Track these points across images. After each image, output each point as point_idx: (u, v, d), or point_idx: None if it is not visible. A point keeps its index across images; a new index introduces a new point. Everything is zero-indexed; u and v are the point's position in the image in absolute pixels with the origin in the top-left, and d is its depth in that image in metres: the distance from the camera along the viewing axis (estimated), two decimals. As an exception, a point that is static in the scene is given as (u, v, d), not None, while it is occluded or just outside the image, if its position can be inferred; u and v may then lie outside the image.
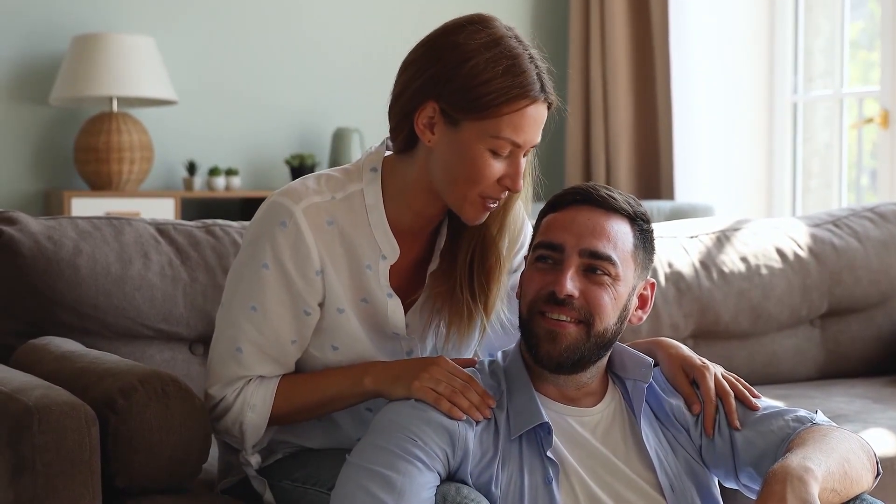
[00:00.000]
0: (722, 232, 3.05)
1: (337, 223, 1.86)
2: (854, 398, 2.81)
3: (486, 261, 1.91)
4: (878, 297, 3.16)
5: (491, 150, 1.79)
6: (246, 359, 1.87)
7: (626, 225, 1.83)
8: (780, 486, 1.60)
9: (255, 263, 1.85)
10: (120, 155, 4.55)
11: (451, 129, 1.80)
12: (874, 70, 5.15)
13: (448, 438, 1.74)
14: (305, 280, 1.84)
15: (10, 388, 1.84)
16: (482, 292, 1.92)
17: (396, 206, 1.88)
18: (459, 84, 1.77)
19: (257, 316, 1.85)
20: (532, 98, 1.78)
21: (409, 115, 1.82)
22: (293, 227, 1.82)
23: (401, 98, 1.84)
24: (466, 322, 1.93)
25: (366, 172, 1.89)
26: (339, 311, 1.88)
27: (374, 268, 1.88)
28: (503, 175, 1.81)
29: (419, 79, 1.81)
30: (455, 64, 1.77)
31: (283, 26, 5.10)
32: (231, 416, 1.89)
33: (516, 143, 1.79)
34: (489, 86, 1.76)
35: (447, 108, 1.78)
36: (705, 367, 1.88)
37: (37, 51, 4.75)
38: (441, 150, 1.81)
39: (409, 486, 1.67)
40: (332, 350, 1.91)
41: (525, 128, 1.79)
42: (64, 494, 1.76)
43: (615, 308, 1.80)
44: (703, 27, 5.09)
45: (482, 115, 1.77)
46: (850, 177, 5.19)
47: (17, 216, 2.28)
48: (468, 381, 1.80)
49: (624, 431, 1.84)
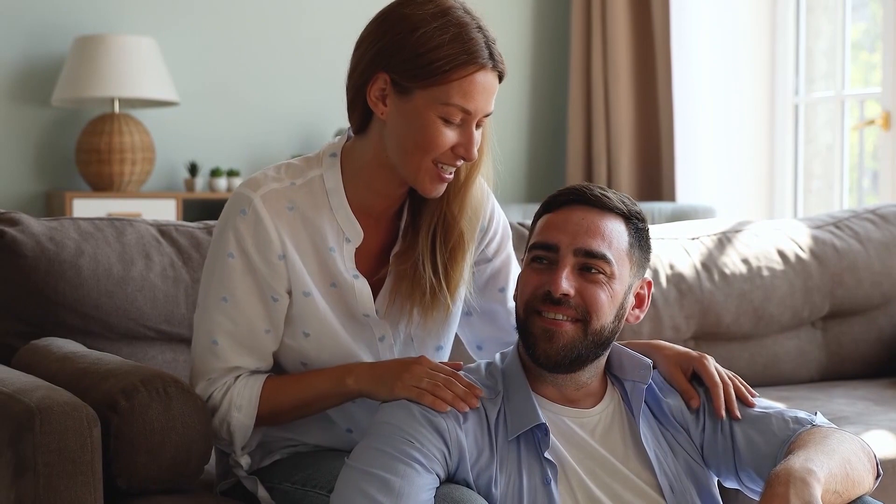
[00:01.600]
0: (723, 233, 3.05)
1: (297, 208, 1.88)
2: (855, 400, 2.81)
3: (449, 239, 1.93)
4: (879, 299, 3.16)
5: (442, 118, 1.81)
6: (222, 351, 1.89)
7: (621, 224, 1.84)
8: (783, 488, 1.60)
9: (221, 254, 1.88)
10: (121, 156, 4.55)
11: (402, 99, 1.82)
12: (875, 72, 5.15)
13: (438, 435, 1.74)
14: (268, 265, 1.87)
15: (11, 388, 1.84)
16: (445, 270, 1.93)
17: (357, 189, 1.91)
18: (409, 53, 1.80)
19: (228, 306, 1.88)
20: (480, 64, 1.81)
21: (362, 89, 1.85)
22: (252, 214, 1.85)
23: (354, 73, 1.87)
24: (430, 300, 1.94)
25: (325, 158, 1.93)
26: (305, 294, 1.89)
27: (339, 250, 1.90)
28: (456, 143, 1.83)
29: (370, 52, 1.84)
30: (404, 33, 1.80)
31: (285, 27, 5.10)
32: (218, 417, 1.90)
33: (466, 109, 1.81)
34: (438, 52, 1.79)
35: (398, 78, 1.81)
36: (703, 357, 1.90)
37: (39, 52, 4.75)
38: (394, 121, 1.84)
39: (408, 488, 1.67)
40: (304, 336, 1.92)
41: (475, 95, 1.81)
42: (65, 495, 1.76)
43: (612, 306, 1.80)
44: (704, 29, 5.09)
45: (432, 81, 1.79)
46: (852, 178, 5.19)
47: (19, 217, 2.29)
48: (451, 376, 1.81)
49: (623, 432, 1.84)
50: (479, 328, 2.10)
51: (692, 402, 1.87)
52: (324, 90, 5.12)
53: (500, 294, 2.07)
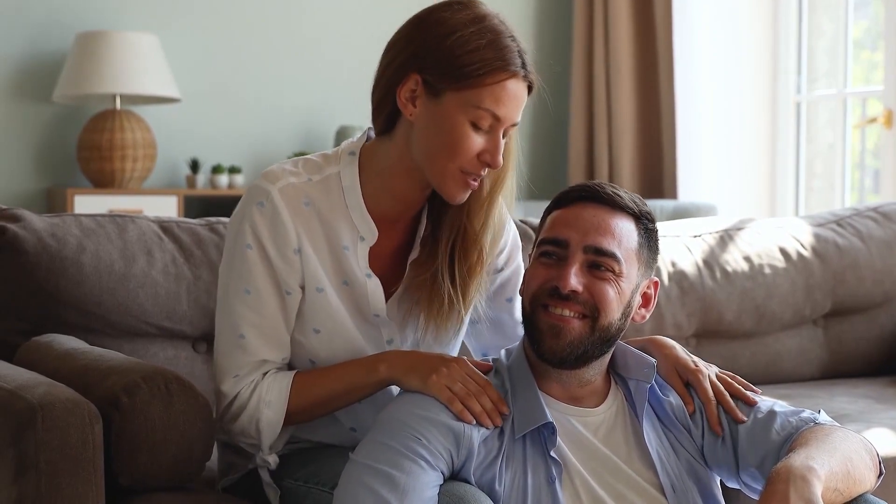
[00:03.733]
0: (725, 231, 3.05)
1: (313, 204, 1.88)
2: (857, 398, 2.80)
3: (469, 254, 1.93)
4: (881, 297, 3.16)
5: (472, 122, 1.82)
6: (250, 344, 1.88)
7: (631, 223, 1.84)
8: (783, 486, 1.60)
9: (239, 246, 1.87)
10: (123, 152, 4.55)
11: (432, 101, 1.82)
12: (877, 70, 5.15)
13: (452, 438, 1.74)
14: (284, 259, 1.86)
15: (13, 385, 1.84)
16: (462, 283, 1.93)
17: (374, 190, 1.90)
18: (444, 54, 1.81)
19: (252, 299, 1.87)
20: (513, 72, 1.82)
21: (392, 89, 1.85)
22: (270, 207, 1.85)
23: (384, 75, 1.87)
24: (446, 311, 1.94)
25: (344, 156, 1.92)
26: (318, 290, 1.89)
27: (353, 249, 1.90)
28: (482, 150, 1.83)
29: (404, 53, 1.85)
30: (440, 36, 1.82)
31: (287, 24, 5.10)
32: (247, 415, 1.89)
33: (497, 115, 1.82)
34: (473, 55, 1.80)
35: (430, 79, 1.82)
36: (698, 370, 1.89)
37: (40, 48, 4.75)
38: (422, 123, 1.84)
39: (413, 484, 1.67)
40: (315, 333, 1.91)
41: (506, 101, 1.82)
42: (67, 492, 1.76)
43: (619, 303, 1.80)
44: (706, 27, 5.09)
45: (465, 84, 1.80)
46: (854, 176, 5.19)
47: (21, 213, 2.28)
48: (484, 387, 1.80)
49: (626, 432, 1.84)
50: (485, 336, 2.09)
51: (687, 408, 1.87)
52: (325, 87, 5.11)
53: (507, 304, 2.06)
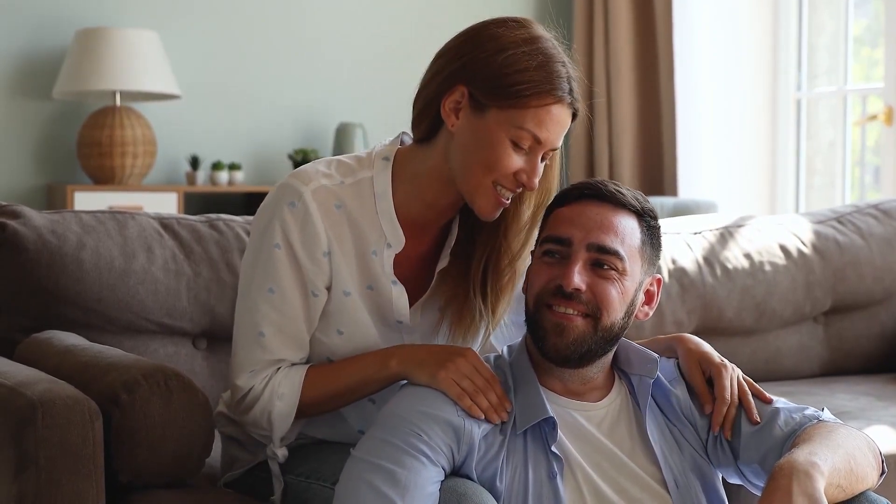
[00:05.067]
0: (725, 228, 3.05)
1: (345, 207, 1.88)
2: (857, 395, 2.80)
3: (501, 275, 1.94)
4: (881, 294, 3.16)
5: (512, 141, 1.82)
6: (269, 342, 1.88)
7: (634, 221, 1.84)
8: (786, 481, 1.60)
9: (267, 245, 1.86)
10: (123, 149, 4.54)
11: (476, 115, 1.82)
12: (878, 67, 5.15)
13: (453, 433, 1.74)
14: (313, 261, 1.86)
15: (13, 382, 1.84)
16: (493, 301, 1.95)
17: (406, 196, 1.90)
18: (494, 71, 1.81)
19: (275, 298, 1.87)
20: (559, 97, 1.82)
21: (437, 98, 1.85)
22: (302, 208, 1.84)
23: (431, 83, 1.87)
24: (477, 326, 1.95)
25: (378, 161, 1.91)
26: (345, 293, 1.89)
27: (380, 255, 1.89)
28: (520, 169, 1.83)
29: (454, 63, 1.84)
30: (493, 52, 1.82)
31: (287, 21, 5.09)
32: (259, 407, 1.89)
33: (538, 137, 1.82)
34: (522, 76, 1.80)
35: (476, 93, 1.82)
36: (723, 365, 1.88)
37: (40, 45, 4.75)
38: (463, 135, 1.84)
39: (414, 480, 1.67)
40: (338, 335, 1.91)
41: (548, 125, 1.82)
42: (67, 489, 1.76)
43: (622, 302, 1.80)
44: (706, 24, 5.09)
45: (510, 103, 1.80)
46: (854, 173, 5.19)
47: (21, 210, 2.28)
48: (491, 382, 1.80)
49: (629, 426, 1.84)
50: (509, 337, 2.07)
51: (704, 407, 1.86)
52: (325, 84, 5.11)
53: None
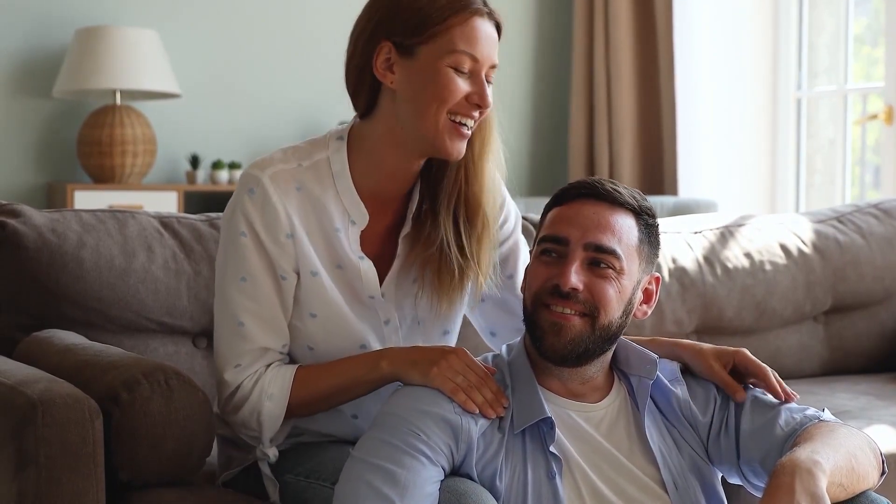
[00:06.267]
0: (726, 228, 3.05)
1: (305, 189, 1.90)
2: (858, 395, 2.81)
3: (474, 220, 1.94)
4: (882, 294, 3.16)
5: (452, 68, 1.84)
6: (249, 331, 1.89)
7: (632, 219, 1.83)
8: (788, 479, 1.60)
9: (233, 235, 1.89)
10: (123, 148, 4.54)
11: (409, 61, 1.85)
12: (878, 66, 5.14)
13: (451, 432, 1.74)
14: (276, 244, 1.88)
15: (13, 381, 1.84)
16: (474, 249, 1.95)
17: (366, 169, 1.92)
18: (406, 13, 1.84)
19: (248, 286, 1.89)
20: (475, 9, 1.85)
21: (367, 64, 1.88)
22: (261, 193, 1.88)
23: (354, 55, 1.91)
24: (457, 282, 1.95)
25: (332, 141, 1.95)
26: (312, 273, 1.90)
27: (344, 232, 1.92)
28: (470, 92, 1.85)
29: (369, 25, 1.88)
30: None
31: (287, 20, 5.09)
32: (249, 407, 1.89)
33: (473, 55, 1.84)
34: (433, 5, 1.84)
35: (400, 41, 1.85)
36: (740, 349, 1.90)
37: (40, 43, 4.74)
38: (404, 85, 1.86)
39: (413, 480, 1.67)
40: (311, 318, 1.92)
41: (478, 40, 1.85)
42: (68, 488, 1.76)
43: (620, 301, 1.80)
44: (707, 23, 5.08)
45: (433, 32, 1.83)
46: (854, 173, 5.19)
47: (21, 209, 2.28)
48: (484, 378, 1.80)
49: (628, 427, 1.84)
50: (491, 315, 2.10)
51: (737, 396, 1.85)
52: (326, 82, 5.11)
53: (508, 281, 2.06)
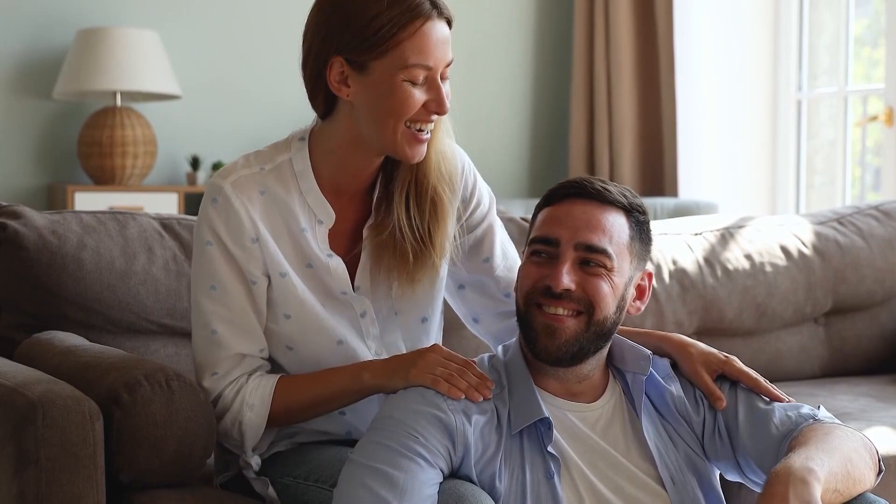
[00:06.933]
0: (726, 229, 3.05)
1: (269, 192, 1.91)
2: (858, 396, 2.81)
3: (423, 198, 1.93)
4: (882, 295, 3.16)
5: (407, 81, 1.82)
6: (223, 338, 1.90)
7: (622, 217, 1.84)
8: (782, 488, 1.60)
9: (201, 245, 1.91)
10: (123, 149, 4.54)
11: (363, 76, 1.84)
12: (878, 67, 5.14)
13: (446, 433, 1.74)
14: (243, 249, 1.89)
15: (14, 382, 1.84)
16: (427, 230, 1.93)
17: (330, 169, 1.93)
18: (354, 30, 1.82)
19: (218, 294, 1.90)
20: (425, 16, 1.82)
21: (320, 77, 1.87)
22: (223, 201, 1.88)
23: (307, 64, 1.90)
24: (415, 266, 1.94)
25: (294, 143, 1.96)
26: (282, 275, 1.91)
27: (311, 231, 1.92)
28: (427, 101, 1.85)
29: (316, 41, 1.86)
30: (343, 13, 1.82)
31: (287, 20, 5.09)
32: (230, 417, 1.90)
33: (427, 66, 1.83)
34: (380, 19, 1.80)
35: (352, 57, 1.83)
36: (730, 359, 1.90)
37: (41, 45, 4.75)
38: (361, 98, 1.86)
39: (412, 483, 1.67)
40: (286, 319, 1.93)
41: (430, 48, 1.82)
42: (68, 489, 1.76)
43: (613, 297, 1.81)
44: (707, 24, 5.08)
45: (384, 49, 1.81)
46: (854, 174, 5.19)
47: (22, 210, 2.28)
48: (464, 364, 1.81)
49: (624, 426, 1.85)
50: (471, 300, 2.09)
51: (717, 404, 1.86)
52: (326, 84, 5.11)
53: (484, 265, 2.05)
